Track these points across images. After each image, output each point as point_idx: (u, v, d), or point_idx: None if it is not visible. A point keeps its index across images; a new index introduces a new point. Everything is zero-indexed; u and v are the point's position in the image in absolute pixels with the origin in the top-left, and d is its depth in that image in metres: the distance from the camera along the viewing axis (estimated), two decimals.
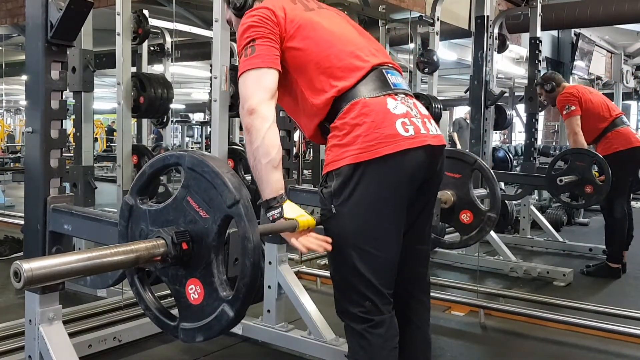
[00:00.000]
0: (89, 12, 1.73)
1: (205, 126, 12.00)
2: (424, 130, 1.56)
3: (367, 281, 1.55)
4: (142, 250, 1.18)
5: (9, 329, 2.57)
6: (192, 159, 1.23)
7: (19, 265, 1.00)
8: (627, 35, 10.51)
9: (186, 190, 1.24)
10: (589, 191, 3.91)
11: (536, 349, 2.84)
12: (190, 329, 1.25)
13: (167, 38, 5.34)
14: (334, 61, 1.58)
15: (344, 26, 1.71)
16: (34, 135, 1.77)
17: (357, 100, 1.54)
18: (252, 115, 1.50)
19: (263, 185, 1.53)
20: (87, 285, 1.79)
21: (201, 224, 1.22)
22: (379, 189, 1.51)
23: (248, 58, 1.54)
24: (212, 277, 1.21)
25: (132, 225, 1.34)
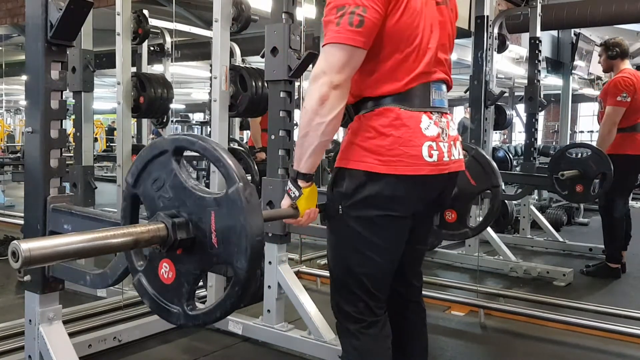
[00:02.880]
0: (89, 12, 1.73)
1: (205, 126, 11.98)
2: (447, 157, 1.53)
3: (363, 284, 1.56)
4: (141, 233, 1.16)
5: (9, 329, 2.58)
6: (191, 143, 1.21)
7: (17, 245, 0.98)
8: (627, 35, 10.49)
9: (183, 174, 1.23)
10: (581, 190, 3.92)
11: (536, 349, 2.84)
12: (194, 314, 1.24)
13: (167, 38, 5.34)
14: (405, 60, 1.49)
15: (435, 24, 1.55)
16: (34, 135, 1.77)
17: (392, 108, 1.49)
18: (335, 90, 1.41)
19: (305, 156, 1.48)
20: (87, 285, 1.78)
21: (203, 208, 1.19)
22: (390, 203, 1.49)
23: (352, 30, 1.40)
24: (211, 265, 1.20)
25: (133, 208, 1.33)
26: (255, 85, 3.09)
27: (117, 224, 1.66)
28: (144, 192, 1.27)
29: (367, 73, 1.50)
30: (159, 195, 1.24)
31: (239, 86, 3.10)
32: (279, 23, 2.52)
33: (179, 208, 1.21)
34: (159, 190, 1.25)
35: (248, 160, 3.16)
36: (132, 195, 1.31)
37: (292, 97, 2.60)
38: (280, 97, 2.56)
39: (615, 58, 4.06)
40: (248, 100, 3.09)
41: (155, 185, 1.25)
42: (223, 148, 1.18)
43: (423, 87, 1.52)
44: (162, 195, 1.24)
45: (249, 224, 1.12)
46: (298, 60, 2.51)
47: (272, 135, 2.60)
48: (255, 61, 4.77)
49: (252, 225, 1.12)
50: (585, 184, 3.90)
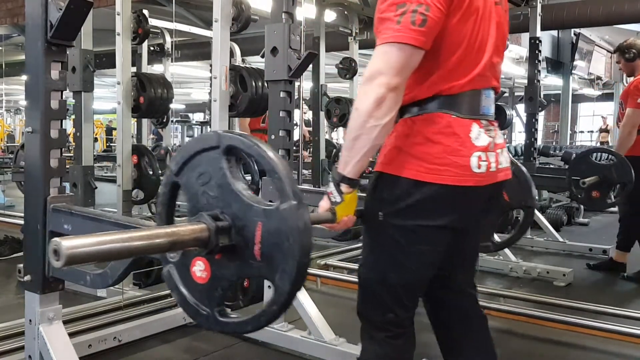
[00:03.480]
0: (89, 12, 1.73)
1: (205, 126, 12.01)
2: (494, 166, 1.48)
3: (396, 294, 1.50)
4: (183, 235, 1.10)
5: (9, 328, 2.57)
6: (239, 142, 1.14)
7: (59, 243, 0.95)
8: (627, 35, 10.50)
9: (232, 175, 1.16)
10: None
11: (536, 349, 2.84)
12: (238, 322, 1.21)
13: (167, 38, 5.34)
14: (462, 61, 1.43)
15: (493, 25, 1.50)
16: (34, 135, 1.77)
17: (442, 114, 1.42)
18: (392, 92, 1.33)
19: (354, 160, 1.39)
20: (87, 285, 1.78)
21: (249, 216, 1.12)
22: (433, 212, 1.44)
23: (415, 29, 1.32)
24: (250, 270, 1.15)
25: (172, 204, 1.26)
26: (255, 85, 3.09)
27: (118, 224, 1.67)
28: (187, 183, 1.21)
29: (420, 74, 1.42)
30: (203, 190, 1.18)
31: (239, 86, 3.10)
32: (279, 23, 2.52)
33: (222, 209, 1.15)
34: (204, 185, 1.18)
35: (248, 160, 3.16)
36: (173, 183, 1.24)
37: (292, 97, 2.60)
38: (280, 97, 2.56)
39: (634, 60, 3.97)
40: (248, 100, 3.09)
41: (201, 179, 1.19)
42: (281, 158, 1.12)
43: (474, 93, 1.47)
44: (206, 191, 1.18)
45: (298, 246, 1.07)
46: (298, 60, 2.50)
47: (272, 135, 2.60)
48: (255, 61, 4.77)
49: (301, 248, 1.07)
50: (602, 190, 3.86)
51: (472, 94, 1.46)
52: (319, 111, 5.08)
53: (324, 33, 5.06)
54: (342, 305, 3.32)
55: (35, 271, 1.80)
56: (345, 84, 5.67)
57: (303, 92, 4.78)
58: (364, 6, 5.45)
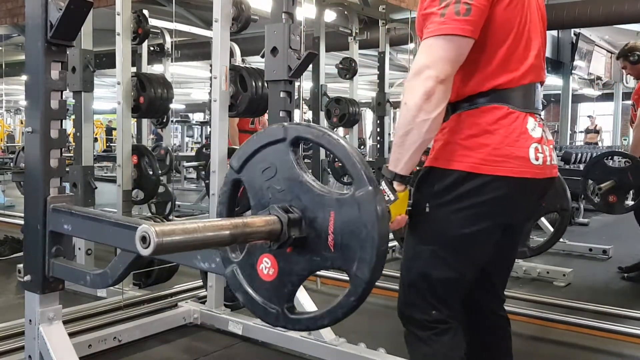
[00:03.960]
0: (89, 12, 1.73)
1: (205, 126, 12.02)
2: (549, 160, 1.43)
3: (437, 291, 1.45)
4: (259, 226, 1.06)
5: (9, 328, 2.57)
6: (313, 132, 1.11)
7: (148, 229, 0.91)
8: (627, 35, 10.50)
9: (300, 167, 1.12)
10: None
11: (536, 349, 2.84)
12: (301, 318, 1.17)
13: (167, 38, 5.35)
14: (514, 51, 1.38)
15: (537, 18, 1.47)
16: (33, 135, 1.77)
17: (501, 106, 1.37)
18: (441, 84, 1.29)
19: (406, 156, 1.35)
20: (87, 285, 1.78)
21: (321, 206, 1.08)
22: (487, 206, 1.37)
23: (460, 19, 1.28)
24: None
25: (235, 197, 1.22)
26: (255, 85, 3.09)
27: (118, 224, 1.66)
28: (250, 179, 1.17)
29: (470, 68, 1.37)
30: (269, 185, 1.14)
31: (239, 86, 3.10)
32: (279, 23, 2.52)
33: (291, 202, 1.11)
34: (269, 180, 1.14)
35: None
36: (235, 181, 1.20)
37: (292, 97, 2.60)
38: (280, 97, 2.56)
39: (639, 61, 3.96)
40: (248, 100, 3.09)
41: (266, 174, 1.15)
42: (352, 145, 1.08)
43: (530, 86, 1.42)
44: (272, 186, 1.14)
45: (377, 232, 1.02)
46: (298, 60, 2.51)
47: None
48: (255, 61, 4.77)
49: (380, 234, 1.03)
50: (619, 195, 3.81)
51: (528, 87, 1.41)
52: (319, 111, 5.09)
53: (324, 33, 5.06)
54: None
55: (35, 271, 1.79)
56: (345, 84, 5.67)
57: (303, 92, 4.79)
58: (364, 6, 5.45)
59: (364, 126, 14.59)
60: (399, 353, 2.32)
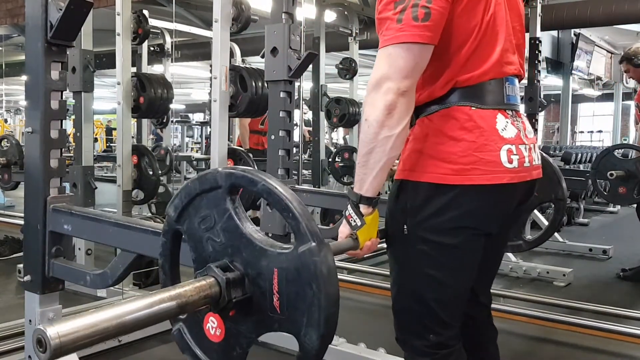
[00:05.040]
0: (89, 12, 1.73)
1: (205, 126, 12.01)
2: (527, 162, 1.34)
3: (434, 313, 1.36)
4: (190, 296, 0.95)
5: (9, 329, 2.58)
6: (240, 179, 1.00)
7: (43, 331, 0.79)
8: (627, 35, 10.51)
9: (239, 216, 1.02)
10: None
11: (536, 349, 2.84)
12: None
13: (167, 38, 5.35)
14: (477, 48, 1.30)
15: (507, 11, 1.39)
16: (33, 136, 1.77)
17: (461, 107, 1.29)
18: (402, 97, 1.21)
19: (369, 176, 1.27)
20: (87, 285, 1.78)
21: (263, 263, 0.98)
22: (463, 218, 1.30)
23: (418, 25, 1.20)
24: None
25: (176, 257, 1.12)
26: (255, 85, 3.09)
27: (118, 224, 1.67)
28: (189, 230, 1.07)
29: (432, 70, 1.30)
30: (208, 237, 1.04)
31: (239, 86, 3.10)
32: (279, 23, 2.52)
33: (232, 257, 1.01)
34: (208, 231, 1.04)
35: (248, 160, 3.16)
36: (174, 231, 1.09)
37: (292, 97, 2.60)
38: (280, 97, 2.56)
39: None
40: (248, 101, 3.09)
41: (204, 224, 1.05)
42: (293, 194, 0.97)
43: (496, 81, 1.33)
44: (211, 237, 1.04)
45: (323, 294, 0.93)
46: (298, 61, 2.50)
47: (272, 136, 2.60)
48: (255, 61, 4.77)
49: (327, 295, 0.93)
50: (629, 186, 3.89)
51: (493, 83, 1.33)
52: (319, 111, 5.09)
53: (324, 33, 5.06)
54: (342, 305, 3.31)
55: (35, 271, 1.79)
56: (345, 84, 5.67)
57: (303, 92, 4.79)
58: (364, 6, 5.45)
59: None
60: (399, 353, 2.32)
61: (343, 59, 5.42)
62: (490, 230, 1.37)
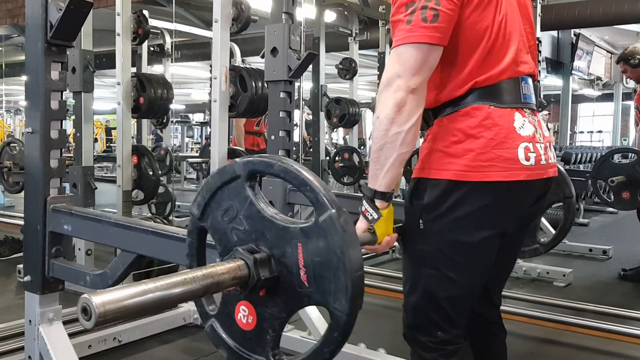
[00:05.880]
0: (89, 12, 1.73)
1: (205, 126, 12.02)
2: (544, 160, 1.36)
3: (443, 310, 1.38)
4: (221, 274, 0.98)
5: (9, 329, 2.58)
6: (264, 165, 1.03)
7: (89, 299, 0.84)
8: (627, 35, 10.52)
9: (259, 201, 1.04)
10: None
11: (536, 349, 2.84)
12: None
13: (167, 38, 5.35)
14: (491, 49, 1.33)
15: (518, 12, 1.43)
16: (33, 136, 1.77)
17: (479, 106, 1.31)
18: (412, 94, 1.25)
19: (382, 172, 1.30)
20: (87, 286, 1.78)
21: (287, 240, 1.01)
22: (480, 215, 1.31)
23: (427, 26, 1.24)
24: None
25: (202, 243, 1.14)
26: (255, 85, 3.09)
27: (118, 224, 1.67)
28: (213, 224, 1.10)
29: (448, 70, 1.33)
30: (232, 227, 1.07)
31: (239, 86, 3.10)
32: (279, 23, 2.52)
33: (257, 241, 1.04)
34: (232, 222, 1.07)
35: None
36: (199, 229, 1.12)
37: (292, 98, 2.60)
38: (280, 97, 2.56)
39: (639, 65, 4.02)
40: (248, 101, 3.09)
41: (227, 216, 1.08)
42: (308, 170, 1.00)
43: (512, 81, 1.35)
44: (235, 227, 1.07)
45: (347, 257, 0.95)
46: (298, 61, 2.51)
47: (272, 136, 2.60)
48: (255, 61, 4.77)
49: (351, 258, 0.95)
50: (632, 190, 3.82)
51: (510, 82, 1.35)
52: (319, 111, 5.09)
53: (323, 33, 5.06)
54: None
55: (35, 271, 1.80)
56: (345, 84, 5.67)
57: (303, 93, 4.79)
58: (364, 6, 5.45)
59: (364, 126, 14.59)
60: (399, 353, 2.32)
61: (343, 59, 5.42)
62: (506, 228, 1.38)
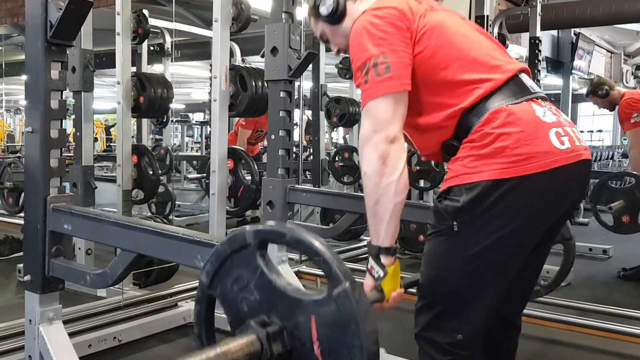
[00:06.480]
0: (89, 11, 1.73)
1: (205, 126, 12.02)
2: (577, 142, 1.33)
3: (467, 313, 1.36)
4: (234, 352, 0.96)
5: (9, 328, 2.57)
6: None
7: None
8: (626, 34, 10.52)
9: (271, 271, 1.02)
10: None
11: (536, 349, 2.84)
12: None
13: (167, 38, 5.35)
14: (468, 68, 1.36)
15: (471, 29, 1.49)
16: (33, 135, 1.77)
17: (498, 108, 1.31)
18: (392, 144, 1.28)
19: (382, 226, 1.31)
20: (87, 285, 1.78)
21: (300, 313, 0.98)
22: (524, 211, 1.29)
23: (383, 79, 1.30)
24: None
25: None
26: (255, 85, 3.10)
27: (118, 224, 1.66)
28: (223, 293, 1.07)
29: (446, 95, 1.36)
30: (242, 297, 1.04)
31: (239, 86, 3.10)
32: (279, 23, 2.53)
33: (268, 312, 1.01)
34: (242, 291, 1.04)
35: (249, 160, 3.16)
36: (208, 298, 1.09)
37: (292, 97, 2.60)
38: (280, 96, 2.56)
39: (608, 94, 4.11)
40: (248, 100, 3.10)
41: (237, 285, 1.05)
42: (320, 239, 0.98)
43: (513, 78, 1.37)
44: (245, 296, 1.04)
45: (363, 332, 0.93)
46: (298, 60, 2.51)
47: (272, 135, 2.60)
48: (255, 61, 4.77)
49: (367, 335, 0.93)
50: (632, 214, 3.82)
51: (512, 79, 1.37)
52: (319, 111, 5.09)
53: None
54: None
55: (35, 271, 1.79)
56: (345, 83, 5.68)
57: (303, 92, 4.79)
58: None
59: None
60: (399, 353, 2.32)
61: (343, 59, 5.41)
62: (552, 216, 1.36)
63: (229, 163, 3.01)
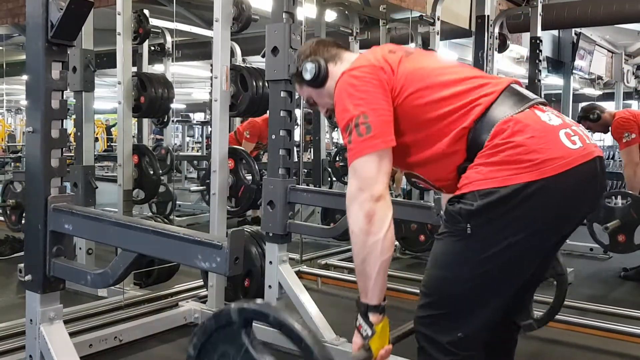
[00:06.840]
0: (90, 11, 1.73)
1: (205, 126, 12.02)
2: (587, 140, 1.33)
3: (472, 315, 1.36)
4: None
5: (10, 328, 2.58)
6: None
7: None
8: (627, 34, 10.50)
9: (256, 350, 1.04)
10: None
11: (536, 349, 2.84)
12: None
13: (168, 38, 5.35)
14: (458, 96, 1.37)
15: (452, 63, 1.54)
16: (34, 135, 1.77)
17: (504, 119, 1.31)
18: (378, 202, 1.31)
19: (370, 283, 1.33)
20: (88, 285, 1.78)
21: None
22: (543, 215, 1.29)
23: (365, 139, 1.34)
24: None
25: None
26: (255, 85, 3.10)
27: (119, 224, 1.66)
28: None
29: (449, 121, 1.37)
30: None
31: (239, 86, 3.11)
32: (280, 23, 2.53)
33: None
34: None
35: (249, 160, 3.16)
36: None
37: (292, 97, 2.60)
38: (281, 96, 2.56)
39: (599, 117, 4.15)
40: (249, 100, 3.10)
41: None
42: (303, 323, 1.00)
43: (507, 88, 1.39)
44: None
45: None
46: None
47: (272, 135, 2.61)
48: (256, 61, 4.77)
49: None
50: (627, 233, 3.84)
51: (508, 92, 1.39)
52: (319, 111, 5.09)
53: (324, 33, 5.06)
54: (342, 304, 3.32)
55: (35, 271, 1.79)
56: None
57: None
58: (364, 6, 5.44)
59: None
60: (399, 353, 2.32)
61: None
62: (570, 219, 1.35)
63: (230, 163, 3.02)
